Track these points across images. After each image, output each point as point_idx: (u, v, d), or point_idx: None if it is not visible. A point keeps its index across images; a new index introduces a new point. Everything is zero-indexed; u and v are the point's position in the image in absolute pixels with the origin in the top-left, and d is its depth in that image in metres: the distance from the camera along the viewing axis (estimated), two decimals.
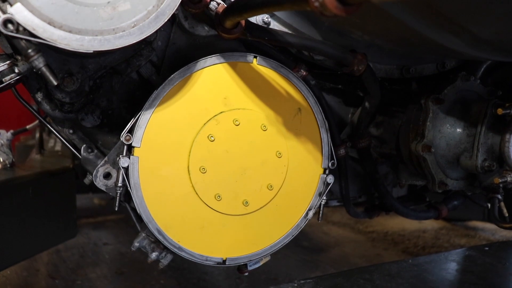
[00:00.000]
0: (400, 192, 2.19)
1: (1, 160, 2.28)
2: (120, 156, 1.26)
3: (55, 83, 0.91)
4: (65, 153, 2.83)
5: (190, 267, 3.37)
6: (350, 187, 1.79)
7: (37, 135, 2.80)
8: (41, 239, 2.19)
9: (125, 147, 1.27)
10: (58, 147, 3.07)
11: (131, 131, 1.28)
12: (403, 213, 1.90)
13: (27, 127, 2.24)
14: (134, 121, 1.27)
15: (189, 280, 3.22)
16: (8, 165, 2.28)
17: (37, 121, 2.26)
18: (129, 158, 1.27)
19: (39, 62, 0.88)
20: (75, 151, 1.54)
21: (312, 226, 4.69)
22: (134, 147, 1.28)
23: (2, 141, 2.29)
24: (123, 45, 0.97)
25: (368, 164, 1.78)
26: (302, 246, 4.10)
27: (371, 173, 1.79)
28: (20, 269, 3.22)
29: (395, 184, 2.05)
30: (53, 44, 0.89)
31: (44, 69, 0.88)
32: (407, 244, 4.36)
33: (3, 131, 2.29)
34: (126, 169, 1.27)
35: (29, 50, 0.87)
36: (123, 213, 4.65)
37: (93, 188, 4.29)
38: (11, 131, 2.29)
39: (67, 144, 1.55)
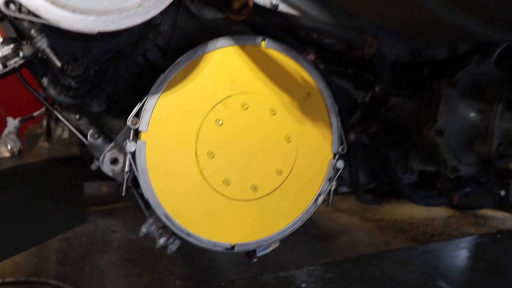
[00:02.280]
0: (410, 178, 2.15)
1: (9, 148, 2.27)
2: (127, 140, 1.24)
3: (59, 64, 0.88)
4: (72, 140, 2.82)
5: (199, 254, 3.37)
6: (360, 173, 1.76)
7: (45, 123, 2.79)
8: (50, 226, 2.19)
9: (132, 131, 1.25)
10: (65, 135, 3.05)
11: (137, 115, 1.26)
12: (414, 200, 1.87)
13: (34, 114, 2.23)
14: (140, 105, 1.25)
15: (197, 267, 3.22)
16: (16, 153, 2.27)
17: (43, 108, 2.25)
18: (136, 142, 1.25)
19: (42, 43, 0.86)
20: (81, 137, 1.53)
21: (321, 213, 4.67)
22: (140, 131, 1.26)
23: (9, 129, 2.28)
24: (128, 26, 0.94)
25: (378, 150, 1.75)
26: (310, 233, 4.09)
27: (381, 159, 1.76)
28: (31, 256, 3.24)
29: (405, 170, 2.01)
30: (56, 25, 0.87)
31: (47, 50, 0.86)
32: (415, 232, 4.33)
33: (10, 119, 2.28)
34: (133, 154, 1.26)
35: (32, 31, 0.85)
36: (131, 201, 4.70)
37: (101, 176, 4.30)
38: (19, 118, 2.27)
39: (74, 130, 1.54)
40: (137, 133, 1.27)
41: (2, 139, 2.26)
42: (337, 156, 1.53)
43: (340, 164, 1.53)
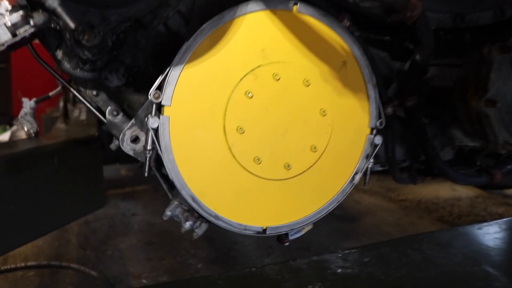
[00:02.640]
0: (447, 156, 2.02)
1: (26, 130, 2.19)
2: (149, 116, 1.14)
3: (72, 26, 0.78)
4: (90, 121, 2.75)
5: (220, 237, 3.33)
6: (395, 150, 1.64)
7: (61, 104, 2.72)
8: (70, 209, 2.12)
9: (154, 106, 1.14)
10: (83, 117, 2.99)
11: (160, 88, 1.15)
12: (453, 178, 1.74)
13: (50, 94, 2.14)
14: (163, 77, 1.14)
15: (219, 250, 3.18)
16: (33, 134, 2.19)
17: (59, 88, 2.16)
18: (159, 118, 1.14)
19: (53, 1, 0.75)
20: (99, 115, 1.43)
21: None
22: (164, 106, 1.15)
23: (25, 110, 2.20)
24: None
25: (416, 125, 1.62)
26: (333, 214, 3.99)
27: (420, 134, 1.63)
28: (52, 239, 3.25)
29: (442, 147, 1.89)
30: None
31: (59, 9, 0.75)
32: (441, 212, 4.25)
33: (26, 99, 2.19)
34: (156, 131, 1.15)
35: None
36: (150, 183, 4.67)
37: (120, 158, 4.26)
38: (34, 99, 2.19)
39: (91, 107, 1.44)
40: (159, 108, 1.16)
41: (18, 121, 2.19)
42: (374, 131, 1.41)
43: (378, 139, 1.41)
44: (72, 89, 1.43)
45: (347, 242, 3.43)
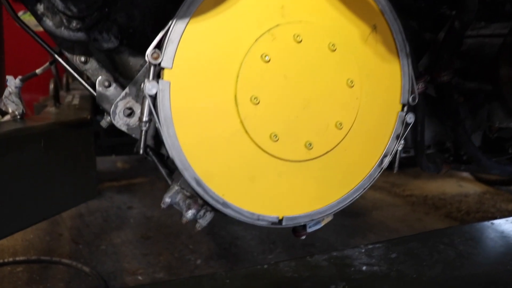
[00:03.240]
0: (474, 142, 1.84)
1: (10, 111, 1.99)
2: (146, 80, 0.94)
3: None
4: (83, 106, 2.56)
5: (221, 231, 3.20)
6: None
7: (51, 86, 2.52)
8: (58, 198, 1.93)
9: (152, 68, 0.94)
10: (76, 101, 2.81)
11: (159, 47, 0.95)
12: (486, 165, 1.56)
13: (37, 71, 1.94)
14: (163, 33, 0.95)
15: (220, 246, 3.06)
16: (18, 116, 1.99)
17: (47, 64, 1.96)
18: (158, 83, 0.94)
19: None
20: (89, 88, 1.24)
21: None
22: (164, 68, 0.95)
23: (10, 89, 2.00)
24: None
25: (449, 104, 1.43)
26: None
27: (453, 115, 1.44)
28: (43, 233, 3.15)
29: (471, 133, 1.70)
30: None
31: None
32: (449, 208, 4.18)
33: (10, 77, 1.99)
34: (154, 99, 0.95)
35: None
36: (147, 176, 4.56)
37: (115, 149, 4.08)
38: (20, 77, 1.99)
39: (79, 78, 1.25)
40: (159, 71, 0.96)
41: (2, 101, 1.99)
42: (406, 108, 1.22)
43: (410, 117, 1.22)
44: (57, 56, 1.23)
45: (354, 239, 3.33)
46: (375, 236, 3.40)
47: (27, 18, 1.41)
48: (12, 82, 1.98)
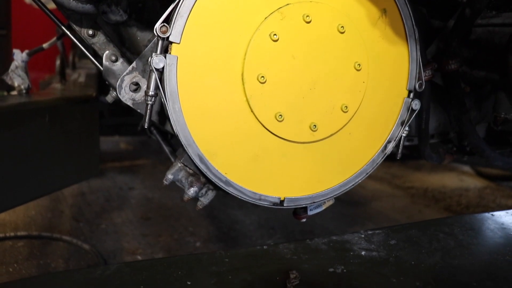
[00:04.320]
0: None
1: (16, 85, 2.00)
2: (153, 54, 0.93)
3: None
4: (89, 83, 2.56)
5: (220, 215, 3.21)
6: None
7: (58, 62, 2.51)
8: (61, 174, 1.94)
9: (160, 42, 0.94)
10: (81, 79, 2.81)
11: (168, 21, 0.94)
12: (490, 157, 1.56)
13: (44, 45, 1.94)
14: (173, 7, 0.94)
15: (219, 229, 3.06)
16: (24, 91, 2.00)
17: (55, 38, 1.96)
18: (165, 57, 0.94)
19: None
20: (95, 62, 1.24)
21: None
22: (172, 43, 0.95)
23: (16, 63, 2.00)
24: None
25: (456, 93, 1.42)
26: (337, 198, 3.86)
27: (458, 105, 1.44)
28: (45, 210, 3.16)
29: (476, 124, 1.70)
30: None
31: None
32: (449, 201, 4.19)
33: (17, 51, 1.99)
34: (161, 73, 0.95)
35: None
36: (150, 158, 4.56)
37: (119, 130, 4.06)
38: (26, 51, 1.99)
39: (86, 52, 1.25)
40: (167, 46, 0.96)
41: (8, 74, 1.98)
42: (412, 94, 1.21)
43: (416, 104, 1.21)
44: (64, 28, 1.22)
45: (353, 227, 3.34)
46: (374, 226, 3.39)
47: None
48: (19, 56, 1.98)
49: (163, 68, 0.94)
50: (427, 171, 5.12)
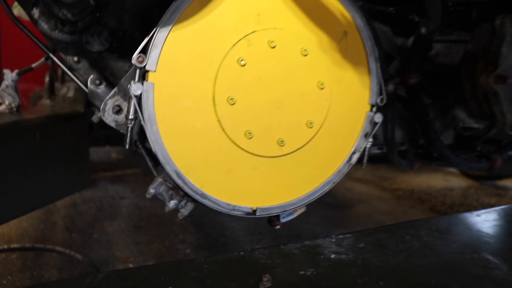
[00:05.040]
0: (446, 140, 1.94)
1: (7, 103, 2.08)
2: (132, 82, 1.04)
3: None
4: (78, 98, 2.64)
5: (210, 222, 3.27)
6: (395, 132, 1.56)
7: (47, 79, 2.60)
8: (52, 187, 2.03)
9: (138, 71, 1.04)
10: (70, 94, 2.89)
11: (145, 52, 1.05)
12: (454, 162, 1.66)
13: (33, 65, 2.03)
14: (148, 39, 1.04)
15: (209, 236, 3.12)
16: (15, 109, 2.08)
17: (43, 59, 2.05)
18: (143, 84, 1.04)
19: None
20: (81, 85, 1.33)
21: None
22: (148, 71, 1.05)
23: (7, 82, 2.09)
24: None
25: (418, 105, 1.53)
26: (325, 202, 3.95)
27: (421, 115, 1.54)
28: (37, 222, 3.19)
29: (442, 131, 1.81)
30: None
31: None
32: (434, 202, 4.26)
33: (7, 71, 2.08)
34: (139, 98, 1.05)
35: None
36: (141, 167, 4.61)
37: (109, 140, 4.12)
38: (16, 70, 2.08)
39: (72, 76, 1.34)
40: (144, 74, 1.06)
41: None
42: (374, 108, 1.32)
43: (378, 117, 1.32)
44: (53, 56, 1.32)
45: (339, 230, 3.39)
46: (359, 228, 3.44)
47: (17, 8, 1.48)
48: (9, 76, 2.07)
49: (141, 94, 1.04)
50: (414, 172, 5.21)
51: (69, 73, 1.31)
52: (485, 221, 1.69)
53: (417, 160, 1.79)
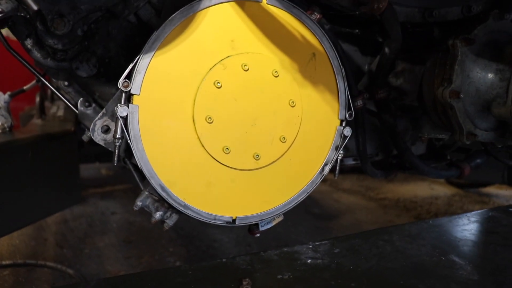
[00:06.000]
0: (418, 150, 2.06)
1: (0, 124, 2.17)
2: (118, 105, 1.14)
3: (35, 7, 0.78)
4: (67, 117, 2.73)
5: (199, 235, 3.34)
6: (367, 143, 1.67)
7: (38, 99, 2.69)
8: (44, 204, 2.11)
9: (124, 95, 1.15)
10: (60, 113, 2.97)
11: (129, 77, 1.15)
12: (424, 171, 1.78)
13: (25, 88, 2.13)
14: (132, 65, 1.15)
15: (198, 248, 3.19)
16: (7, 129, 2.18)
17: (34, 81, 2.15)
18: (128, 107, 1.15)
19: None
20: (71, 106, 1.43)
21: (323, 193, 4.63)
22: (133, 94, 1.15)
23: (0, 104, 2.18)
24: None
25: (387, 118, 1.65)
26: (312, 213, 4.04)
27: (390, 127, 1.66)
28: (28, 238, 3.23)
29: (414, 141, 1.92)
30: None
31: None
32: (419, 210, 4.35)
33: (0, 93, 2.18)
34: (125, 119, 1.15)
35: None
36: (130, 183, 4.65)
37: (99, 157, 4.18)
38: (8, 92, 2.18)
39: (63, 98, 1.44)
40: (129, 97, 1.17)
41: None
42: (344, 123, 1.44)
43: (348, 131, 1.43)
44: (44, 80, 1.42)
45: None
46: None
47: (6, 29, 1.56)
48: (2, 98, 2.17)
49: (126, 115, 1.14)
50: (400, 182, 5.31)
51: (60, 96, 1.40)
52: (455, 226, 1.81)
53: (392, 170, 1.90)
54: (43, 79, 1.40)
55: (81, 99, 1.36)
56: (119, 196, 4.40)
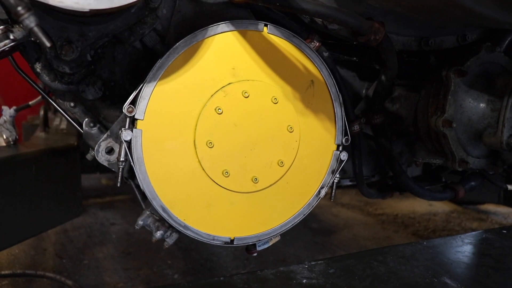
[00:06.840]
0: (414, 172, 2.11)
1: (5, 137, 2.22)
2: (123, 129, 1.19)
3: (48, 44, 0.83)
4: (70, 131, 2.77)
5: (198, 248, 3.35)
6: (364, 165, 1.71)
7: (42, 112, 2.74)
8: (46, 217, 2.15)
9: (128, 119, 1.20)
10: (63, 125, 3.02)
11: (133, 103, 1.20)
12: (418, 193, 1.82)
13: (30, 103, 2.18)
14: (137, 92, 1.20)
15: (196, 261, 3.20)
16: (12, 142, 2.22)
17: (40, 97, 2.20)
18: (132, 131, 1.19)
19: (30, 22, 0.80)
20: (77, 126, 1.48)
21: (321, 207, 4.65)
22: (137, 119, 1.20)
23: (5, 118, 2.23)
24: (122, 4, 0.88)
25: (383, 142, 1.70)
26: (310, 228, 4.07)
27: (386, 151, 1.71)
28: (28, 248, 3.24)
29: (409, 164, 1.97)
30: (45, 1, 0.81)
31: (35, 29, 0.80)
32: (417, 227, 4.33)
33: (5, 108, 2.23)
34: (129, 143, 1.20)
35: (19, 8, 0.79)
36: (130, 193, 4.67)
37: (100, 168, 4.23)
38: (14, 107, 2.22)
39: (69, 118, 1.49)
40: (133, 121, 1.22)
41: None
42: (340, 148, 1.48)
43: (344, 155, 1.48)
44: (51, 100, 1.47)
45: (323, 255, 3.46)
46: (344, 253, 3.52)
47: None
48: (7, 112, 2.22)
49: (130, 139, 1.19)
50: (398, 197, 5.30)
51: (66, 116, 1.45)
52: (449, 247, 1.84)
53: (388, 191, 1.94)
54: (50, 99, 1.45)
55: (86, 119, 1.41)
56: (119, 206, 4.40)
